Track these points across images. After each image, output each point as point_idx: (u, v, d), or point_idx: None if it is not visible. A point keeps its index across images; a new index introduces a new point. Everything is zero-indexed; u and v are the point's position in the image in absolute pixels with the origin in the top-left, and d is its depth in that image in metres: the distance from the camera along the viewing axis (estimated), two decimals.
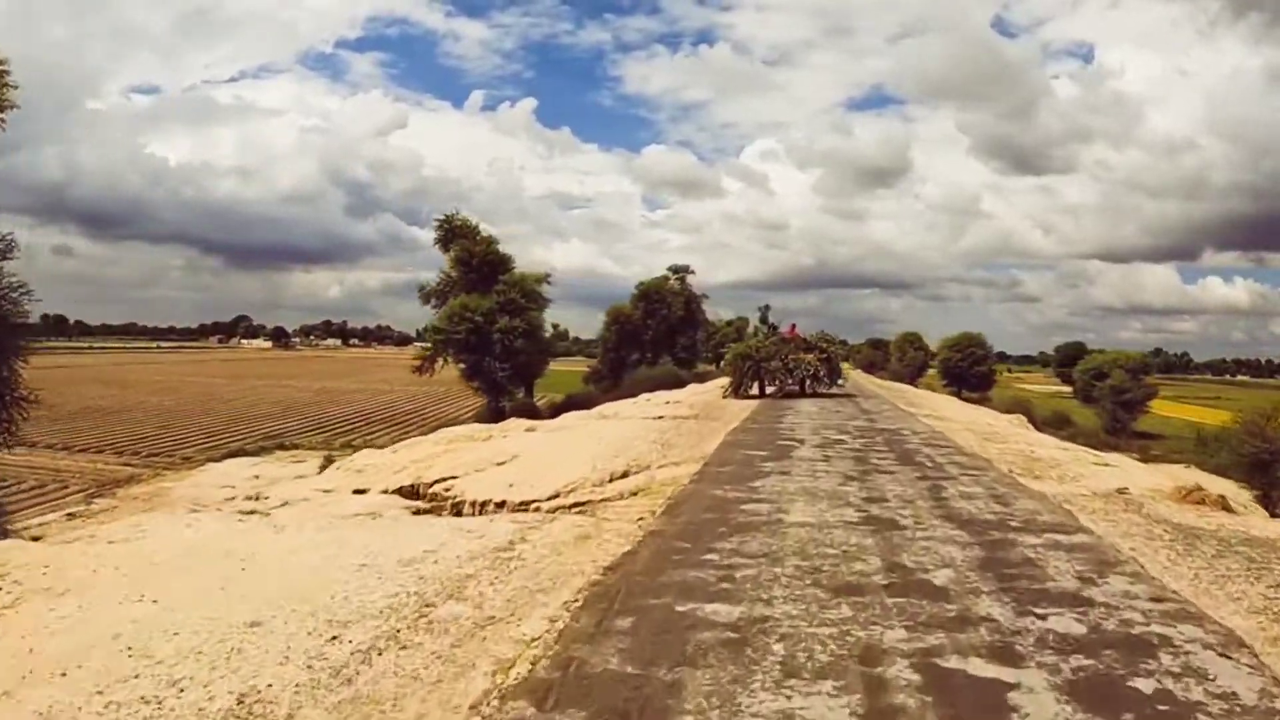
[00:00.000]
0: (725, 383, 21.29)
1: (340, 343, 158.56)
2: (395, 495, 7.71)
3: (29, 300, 10.17)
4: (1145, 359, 51.57)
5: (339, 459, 16.00)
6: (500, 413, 27.42)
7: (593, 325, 46.37)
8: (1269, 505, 11.63)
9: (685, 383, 32.19)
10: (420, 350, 30.48)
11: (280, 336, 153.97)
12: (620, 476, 7.19)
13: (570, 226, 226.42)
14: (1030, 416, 22.04)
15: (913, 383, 49.89)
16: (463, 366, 29.41)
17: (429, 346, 30.25)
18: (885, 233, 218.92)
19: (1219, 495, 7.79)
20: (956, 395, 40.70)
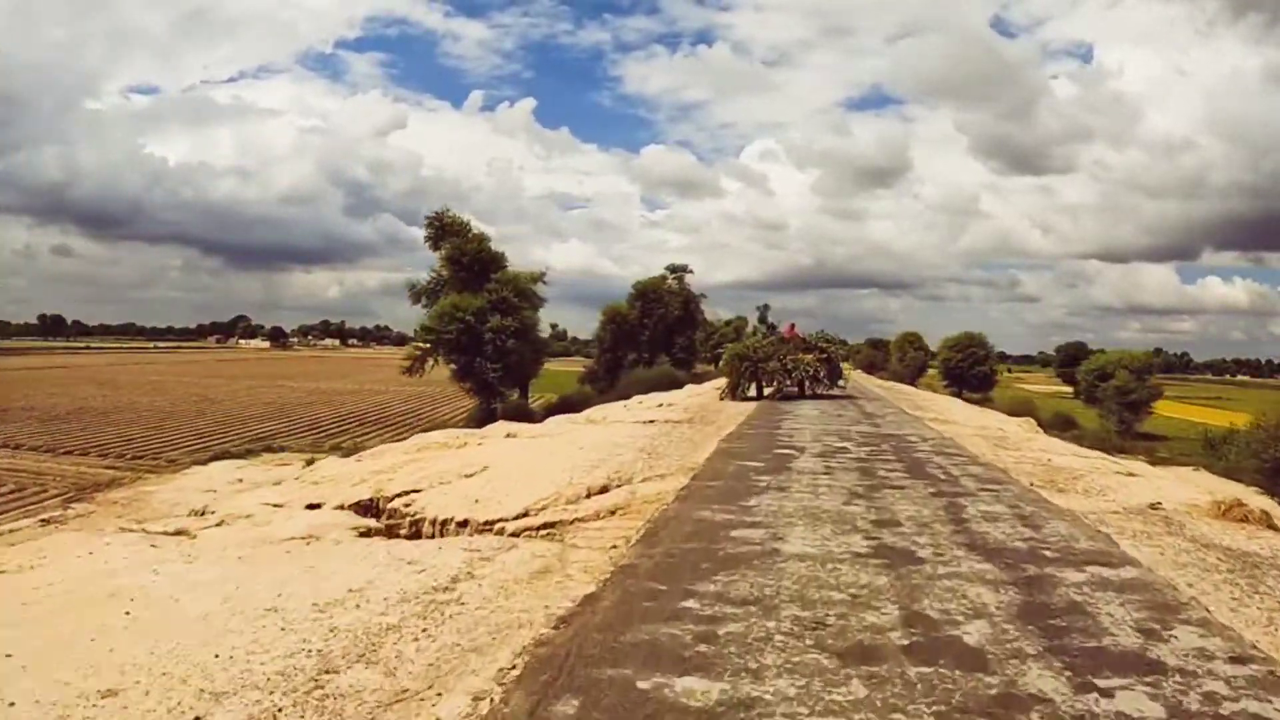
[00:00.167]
0: (723, 384, 20.58)
1: (338, 343, 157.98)
2: (349, 511, 6.94)
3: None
4: (1149, 359, 50.73)
5: (319, 462, 15.29)
6: (492, 414, 26.67)
7: (591, 325, 45.68)
8: None
9: (682, 383, 31.51)
10: (410, 351, 29.71)
11: (278, 337, 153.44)
12: (598, 492, 6.43)
13: (569, 227, 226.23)
14: (1038, 420, 21.28)
15: (913, 383, 49.26)
16: (454, 367, 28.66)
17: (422, 346, 29.49)
18: (884, 233, 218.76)
19: (1262, 511, 7.09)
20: (957, 396, 40.07)
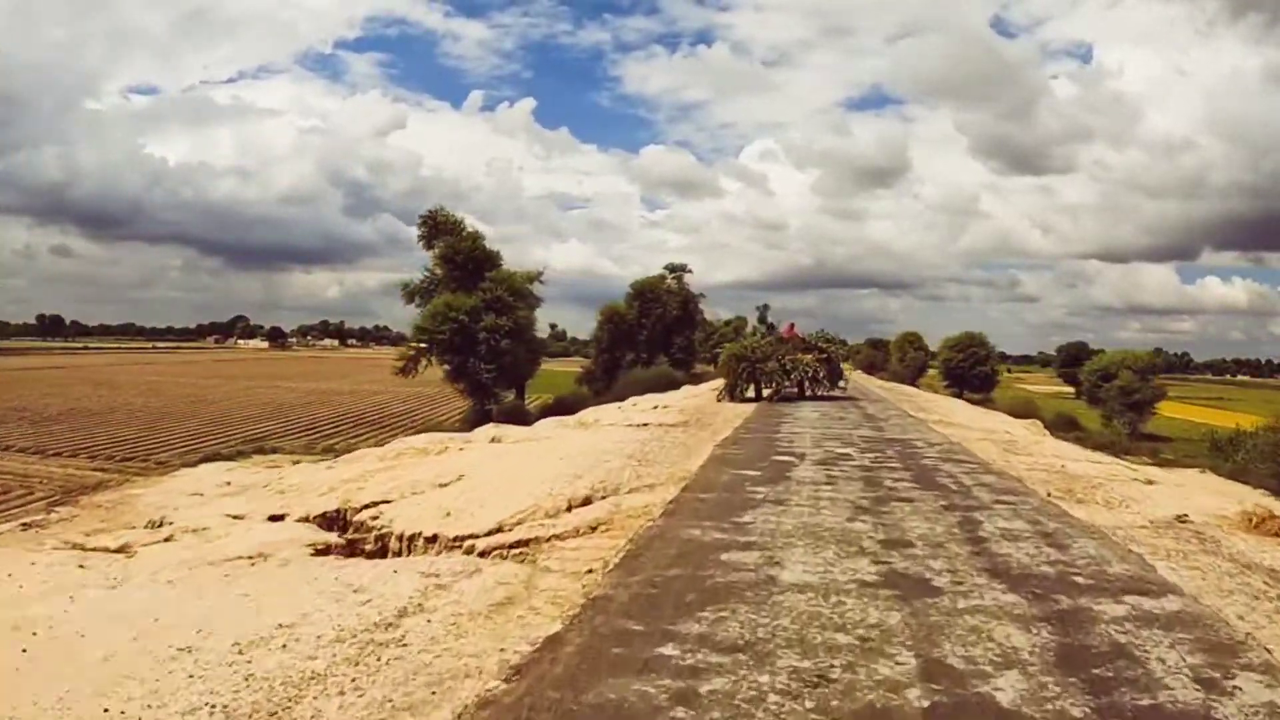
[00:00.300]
0: (720, 385, 20.07)
1: (338, 343, 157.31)
2: (312, 524, 6.44)
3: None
4: (1152, 359, 50.18)
5: (289, 469, 14.79)
6: (487, 416, 26.15)
7: (590, 326, 44.95)
8: None
9: (680, 384, 30.99)
10: (403, 351, 29.12)
11: (277, 337, 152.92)
12: (580, 504, 5.92)
13: (569, 227, 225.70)
14: (1043, 421, 20.76)
15: (913, 383, 48.76)
16: (447, 368, 28.08)
17: (417, 346, 28.91)
18: (884, 233, 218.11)
19: None
20: (958, 396, 39.63)
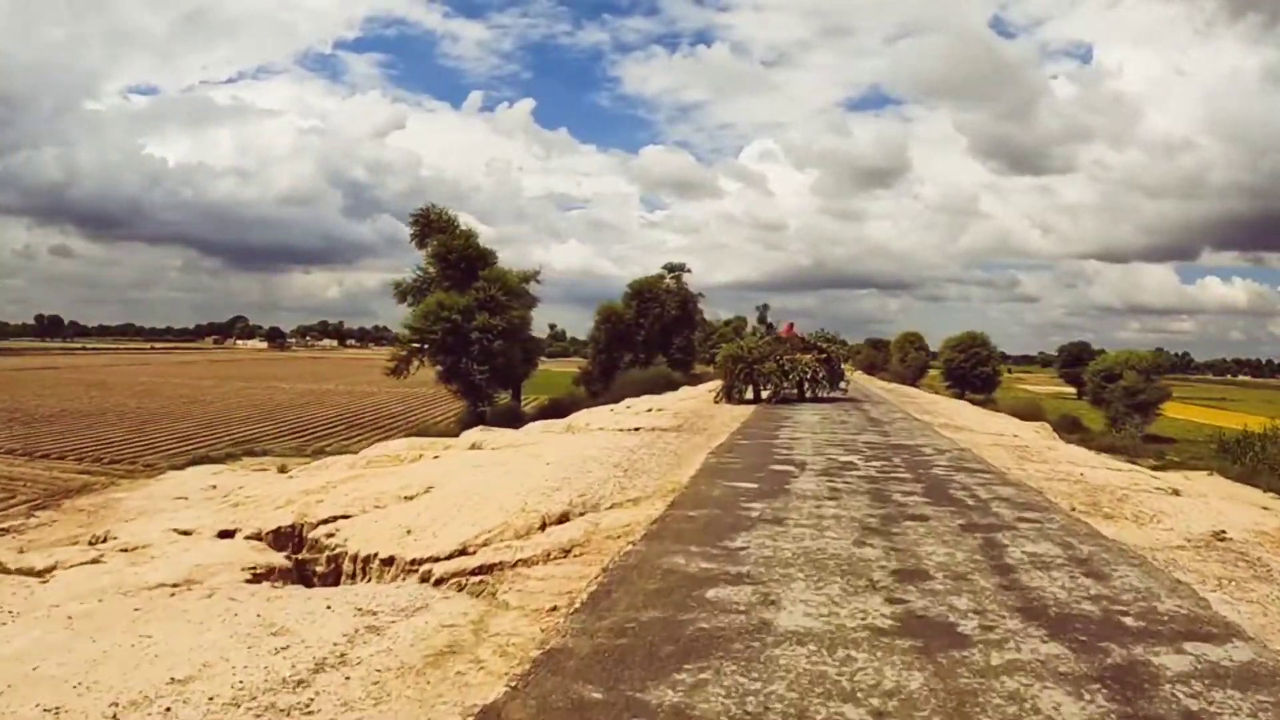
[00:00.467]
0: (718, 386, 19.48)
1: (336, 343, 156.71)
2: (264, 542, 5.85)
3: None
4: (1157, 359, 49.53)
5: (292, 468, 14.24)
6: (481, 418, 25.59)
7: (589, 326, 44.24)
8: None
9: (678, 385, 30.43)
10: (394, 351, 28.52)
11: (276, 337, 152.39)
12: (556, 522, 5.33)
13: (568, 227, 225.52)
14: (1052, 424, 20.18)
15: (914, 384, 48.28)
16: (439, 369, 27.50)
17: (409, 346, 28.29)
18: (883, 233, 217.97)
19: None
20: (960, 397, 39.22)
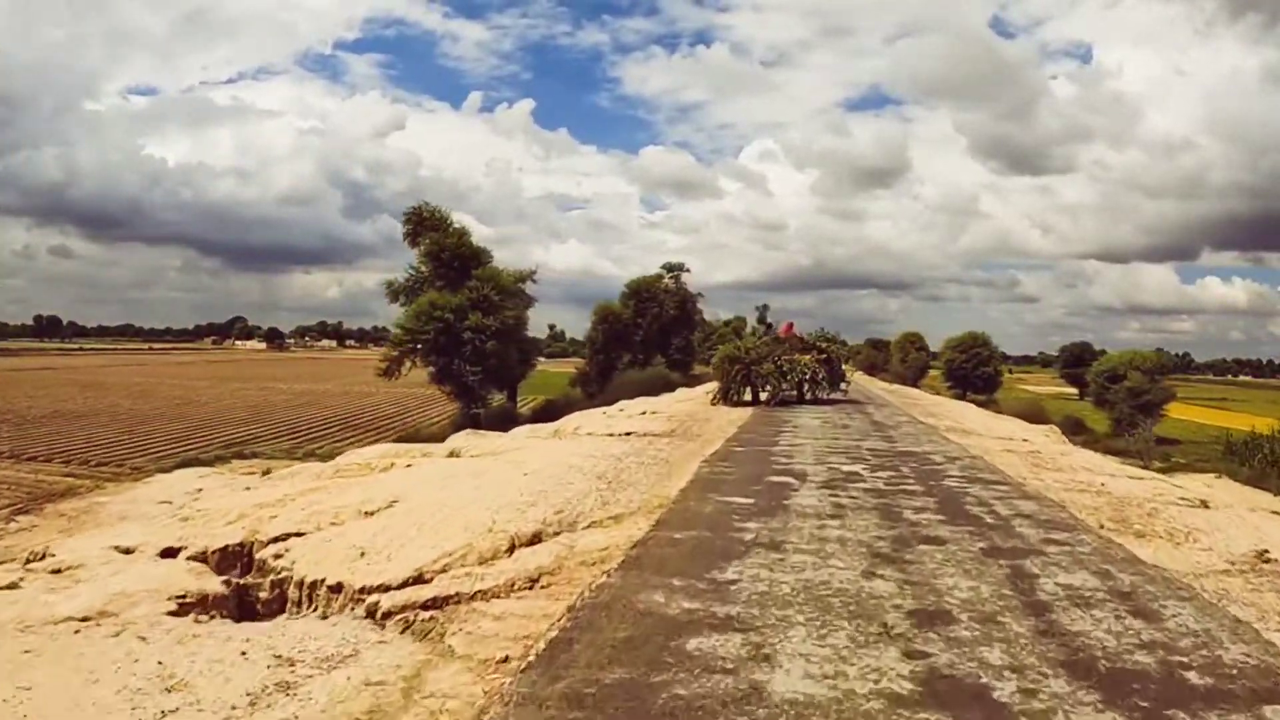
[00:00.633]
0: (716, 387, 18.90)
1: (336, 344, 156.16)
2: (209, 563, 5.28)
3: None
4: (1162, 359, 48.90)
5: (277, 470, 13.73)
6: (475, 419, 25.04)
7: (588, 326, 43.61)
8: None
9: (676, 386, 29.88)
10: (386, 352, 27.93)
11: (275, 337, 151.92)
12: (526, 543, 4.76)
13: (568, 227, 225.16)
14: (1060, 427, 19.61)
15: (915, 384, 47.82)
16: (432, 370, 26.92)
17: (401, 346, 27.70)
18: (883, 233, 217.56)
19: None
20: (961, 398, 38.93)
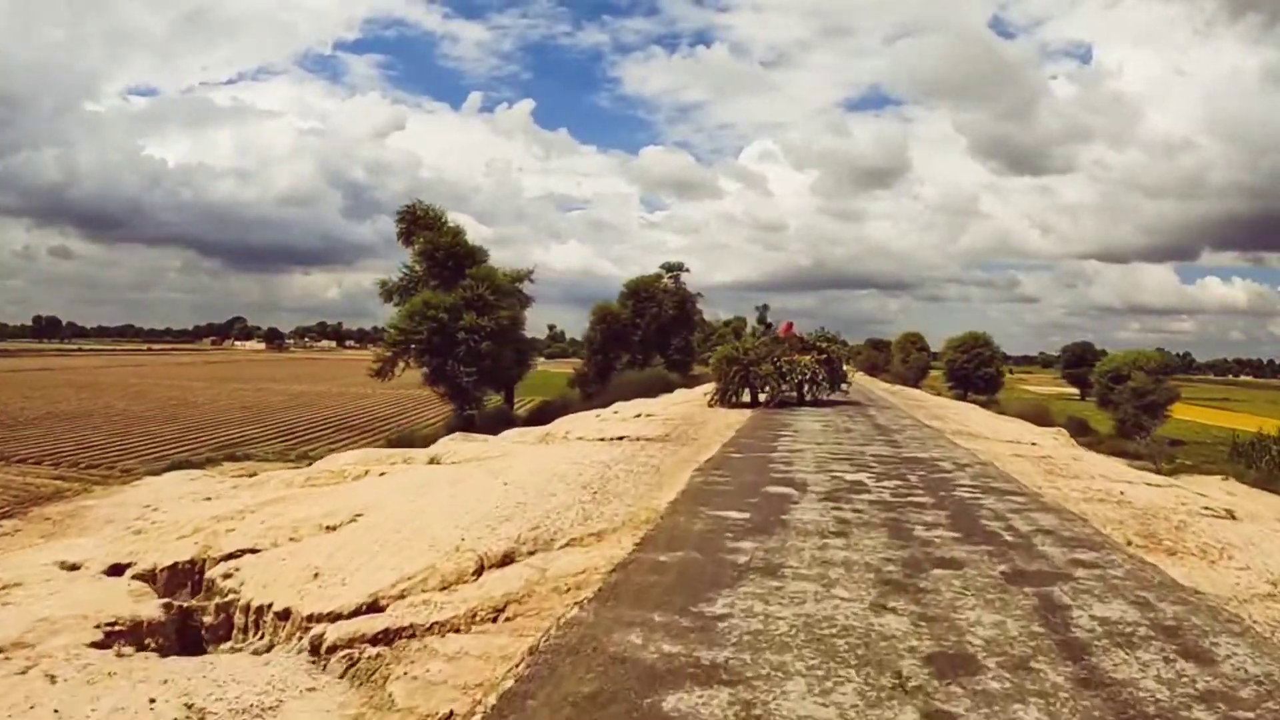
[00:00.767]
0: (713, 388, 18.44)
1: (335, 344, 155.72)
2: (153, 582, 4.82)
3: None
4: (1167, 359, 48.38)
5: (265, 472, 13.32)
6: (469, 421, 24.57)
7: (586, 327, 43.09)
8: None
9: (674, 387, 29.43)
10: (379, 352, 27.42)
11: (274, 338, 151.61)
12: (497, 564, 4.29)
13: (568, 228, 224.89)
14: (1068, 429, 19.13)
15: (916, 385, 47.48)
16: (425, 371, 26.41)
17: (394, 346, 27.20)
18: (883, 233, 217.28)
19: None
20: (963, 398, 38.70)
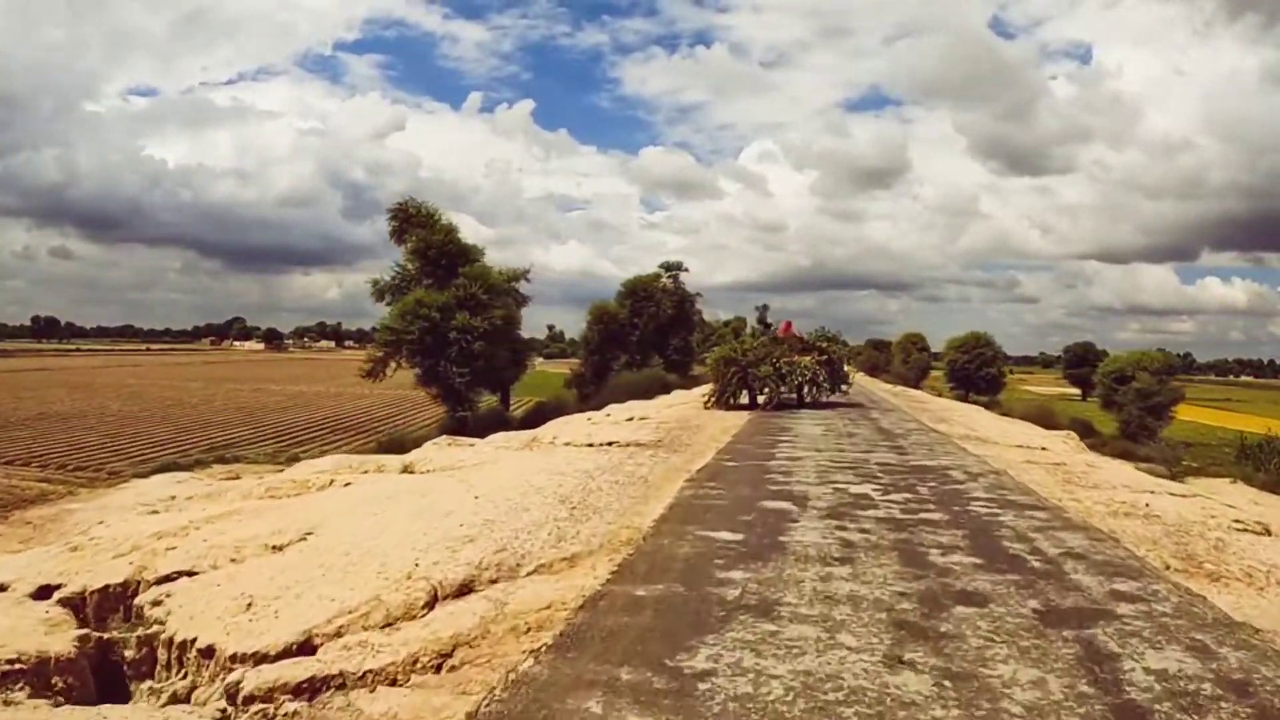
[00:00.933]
0: (710, 389, 17.91)
1: (334, 345, 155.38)
2: (78, 608, 4.30)
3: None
4: (1170, 360, 47.85)
5: (250, 475, 12.83)
6: (462, 423, 24.05)
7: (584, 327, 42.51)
8: None
9: (672, 388, 28.91)
10: (370, 353, 26.89)
11: (273, 338, 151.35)
12: (451, 595, 3.78)
13: (568, 228, 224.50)
14: (1078, 432, 18.58)
15: (917, 385, 47.09)
16: (418, 371, 25.88)
17: (385, 346, 26.66)
18: (883, 233, 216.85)
19: None
20: (964, 399, 38.35)
